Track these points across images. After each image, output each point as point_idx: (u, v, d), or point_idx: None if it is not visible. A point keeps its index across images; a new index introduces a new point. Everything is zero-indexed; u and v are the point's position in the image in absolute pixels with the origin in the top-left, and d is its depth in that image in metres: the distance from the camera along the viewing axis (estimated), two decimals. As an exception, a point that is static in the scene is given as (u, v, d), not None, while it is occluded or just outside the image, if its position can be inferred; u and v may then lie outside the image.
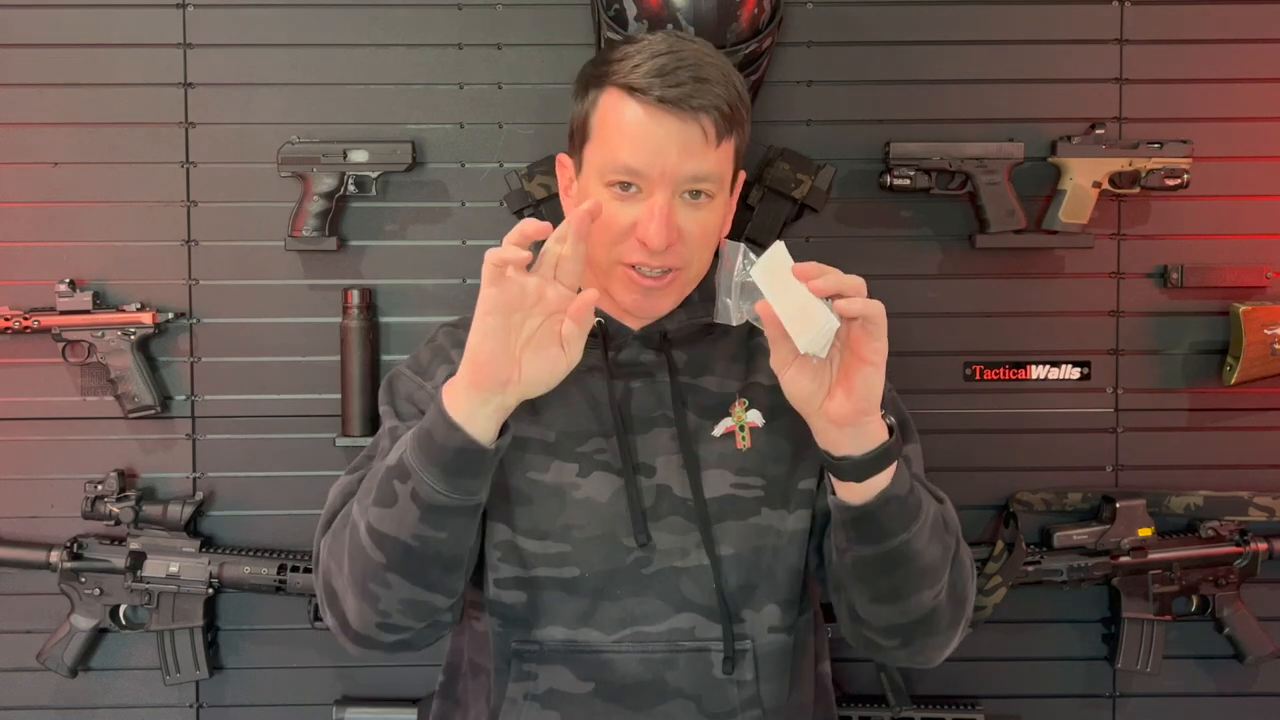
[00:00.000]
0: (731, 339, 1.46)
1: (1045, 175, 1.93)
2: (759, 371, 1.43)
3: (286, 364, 1.94)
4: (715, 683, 1.34)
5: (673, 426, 1.38)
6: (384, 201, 1.93)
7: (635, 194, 1.32)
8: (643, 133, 1.31)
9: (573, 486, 1.36)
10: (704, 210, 1.34)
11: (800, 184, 1.87)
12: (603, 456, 1.37)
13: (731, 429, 1.39)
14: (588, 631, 1.35)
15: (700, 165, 1.32)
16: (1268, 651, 1.93)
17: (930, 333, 1.94)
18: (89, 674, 1.95)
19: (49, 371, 1.93)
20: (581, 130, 1.38)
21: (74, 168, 1.92)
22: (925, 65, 1.93)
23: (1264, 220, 1.95)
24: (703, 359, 1.43)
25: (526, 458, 1.37)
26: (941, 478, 1.90)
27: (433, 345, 1.49)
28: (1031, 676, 1.99)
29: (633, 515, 1.34)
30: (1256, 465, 1.97)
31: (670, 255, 1.33)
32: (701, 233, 1.35)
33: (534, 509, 1.36)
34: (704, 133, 1.31)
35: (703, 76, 1.31)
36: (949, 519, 1.35)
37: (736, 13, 1.69)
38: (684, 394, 1.40)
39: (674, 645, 1.34)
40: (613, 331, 1.42)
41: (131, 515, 1.86)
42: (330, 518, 1.36)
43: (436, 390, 1.25)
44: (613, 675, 1.34)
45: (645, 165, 1.30)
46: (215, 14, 1.91)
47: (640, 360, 1.42)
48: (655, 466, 1.37)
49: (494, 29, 1.92)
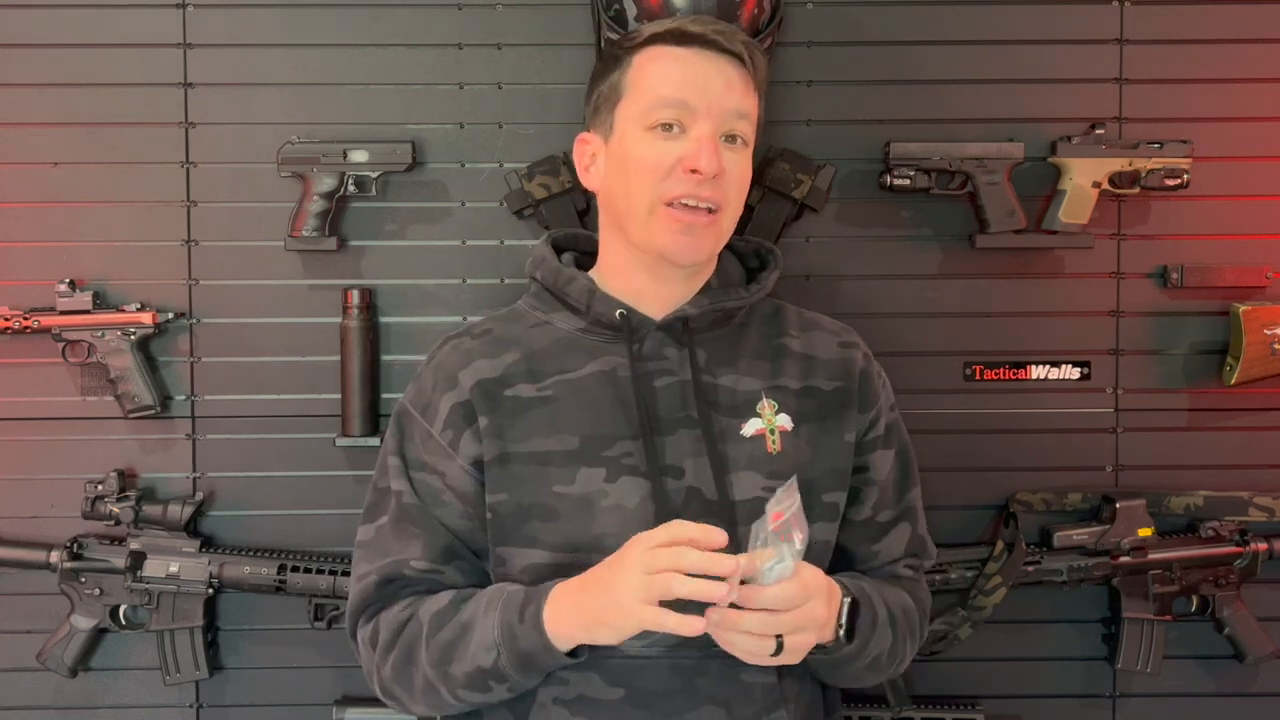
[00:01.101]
0: (754, 333, 1.45)
1: (1045, 175, 1.92)
2: (785, 374, 1.42)
3: (286, 364, 1.94)
4: (743, 687, 1.34)
5: (698, 428, 1.37)
6: (384, 201, 1.93)
7: (678, 134, 1.35)
8: (687, 68, 1.35)
9: (601, 495, 1.34)
10: (741, 155, 1.38)
11: (800, 184, 1.87)
12: (630, 460, 1.35)
13: (762, 431, 1.38)
14: None
15: (742, 101, 1.36)
16: (1268, 651, 1.93)
17: (930, 333, 1.94)
18: (89, 674, 1.95)
19: (49, 371, 1.93)
20: (611, 95, 1.40)
21: (74, 168, 1.92)
22: (925, 65, 1.93)
23: (1264, 220, 1.95)
24: (725, 354, 1.42)
25: (550, 471, 1.35)
26: (941, 478, 1.92)
27: (434, 365, 1.45)
28: (1031, 676, 1.99)
29: (660, 519, 1.32)
30: (1256, 465, 1.97)
31: (715, 188, 1.34)
32: (740, 175, 1.38)
33: (563, 523, 1.34)
34: (737, 70, 1.36)
35: (733, 31, 1.37)
36: (898, 646, 1.41)
37: (736, 13, 1.69)
38: (709, 393, 1.39)
39: (705, 652, 1.31)
40: (635, 324, 1.40)
41: (131, 515, 1.86)
42: (363, 605, 1.41)
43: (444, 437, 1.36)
44: (643, 681, 1.33)
45: (693, 97, 1.34)
46: (215, 14, 1.91)
47: (663, 355, 1.40)
48: (684, 468, 1.36)
49: (494, 29, 1.92)
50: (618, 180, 1.38)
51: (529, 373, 1.40)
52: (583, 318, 1.42)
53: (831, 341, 1.47)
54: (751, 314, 1.47)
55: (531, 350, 1.42)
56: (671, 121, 1.34)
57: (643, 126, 1.36)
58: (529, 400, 1.38)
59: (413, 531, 1.38)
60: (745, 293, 1.44)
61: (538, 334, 1.43)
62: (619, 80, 1.39)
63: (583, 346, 1.41)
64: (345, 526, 1.71)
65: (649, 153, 1.35)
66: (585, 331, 1.42)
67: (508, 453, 1.36)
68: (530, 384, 1.39)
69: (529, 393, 1.38)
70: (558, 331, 1.43)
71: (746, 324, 1.45)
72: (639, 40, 1.39)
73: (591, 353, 1.40)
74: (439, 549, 1.38)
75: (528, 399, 1.38)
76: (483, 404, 1.38)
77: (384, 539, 1.40)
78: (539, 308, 1.46)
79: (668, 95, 1.34)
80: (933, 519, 1.94)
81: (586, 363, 1.39)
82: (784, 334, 1.46)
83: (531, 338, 1.43)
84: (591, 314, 1.41)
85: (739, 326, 1.45)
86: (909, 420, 1.57)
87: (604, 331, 1.41)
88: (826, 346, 1.46)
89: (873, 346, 1.50)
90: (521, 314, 1.47)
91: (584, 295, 1.41)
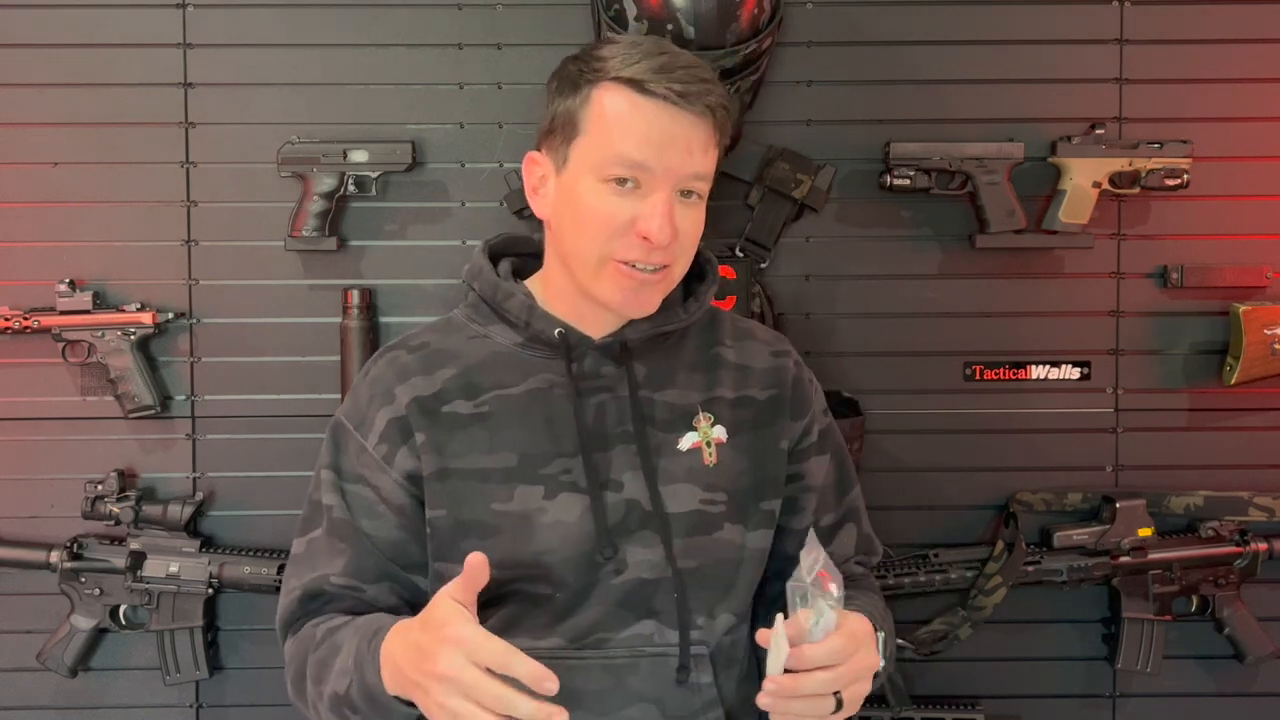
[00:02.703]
0: (690, 347, 1.44)
1: (1045, 175, 1.93)
2: (720, 385, 1.42)
3: (286, 364, 1.94)
4: (676, 686, 1.33)
5: (634, 444, 1.36)
6: (384, 201, 1.93)
7: (633, 189, 1.30)
8: (653, 127, 1.30)
9: (540, 511, 1.33)
10: (695, 210, 1.34)
11: (800, 184, 1.87)
12: (568, 477, 1.35)
13: (698, 444, 1.38)
14: (552, 639, 1.33)
15: (702, 164, 1.32)
16: (1268, 651, 1.93)
17: (930, 333, 1.94)
18: (89, 674, 1.95)
19: (49, 371, 1.93)
20: (568, 126, 1.34)
21: (74, 168, 1.92)
22: (925, 65, 1.93)
23: (1264, 220, 1.95)
24: (664, 371, 1.41)
25: (488, 489, 1.34)
26: (941, 478, 1.92)
27: (370, 379, 1.41)
28: (1031, 676, 1.99)
29: (598, 532, 1.33)
30: (1256, 465, 1.97)
31: (664, 252, 1.32)
32: (692, 230, 1.34)
33: (503, 539, 1.33)
34: (708, 132, 1.32)
35: (704, 78, 1.32)
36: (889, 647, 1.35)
37: (736, 13, 1.69)
38: (645, 408, 1.38)
39: (635, 651, 1.33)
40: (573, 342, 1.38)
41: (131, 515, 1.86)
42: (288, 619, 1.39)
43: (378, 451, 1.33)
44: (575, 681, 1.31)
45: (652, 160, 1.29)
46: (215, 14, 1.91)
47: (601, 373, 1.39)
48: (623, 482, 1.35)
49: (494, 29, 1.92)
50: (567, 220, 1.35)
51: (466, 388, 1.38)
52: (520, 333, 1.40)
53: (764, 351, 1.46)
54: (688, 325, 1.45)
55: (468, 365, 1.39)
56: (628, 178, 1.30)
57: (597, 177, 1.31)
58: (467, 417, 1.36)
59: (339, 547, 1.37)
60: (684, 313, 1.42)
61: (475, 347, 1.41)
62: (577, 112, 1.34)
63: (521, 362, 1.39)
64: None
65: (602, 207, 1.31)
66: (523, 347, 1.40)
67: (446, 468, 1.35)
68: (467, 400, 1.37)
69: (466, 409, 1.37)
70: (496, 345, 1.40)
71: (684, 335, 1.44)
72: (603, 71, 1.32)
73: (529, 369, 1.38)
74: (364, 566, 1.36)
75: (465, 415, 1.36)
76: (419, 420, 1.36)
77: (314, 553, 1.39)
78: (476, 320, 1.43)
79: (625, 154, 1.29)
80: (933, 519, 1.96)
81: (524, 379, 1.38)
82: (719, 343, 1.45)
83: (469, 351, 1.40)
84: (530, 330, 1.39)
85: (677, 338, 1.43)
86: (909, 420, 1.57)
87: (542, 348, 1.39)
88: (760, 356, 1.45)
89: (873, 346, 1.50)
90: (459, 325, 1.44)
91: (523, 311, 1.39)
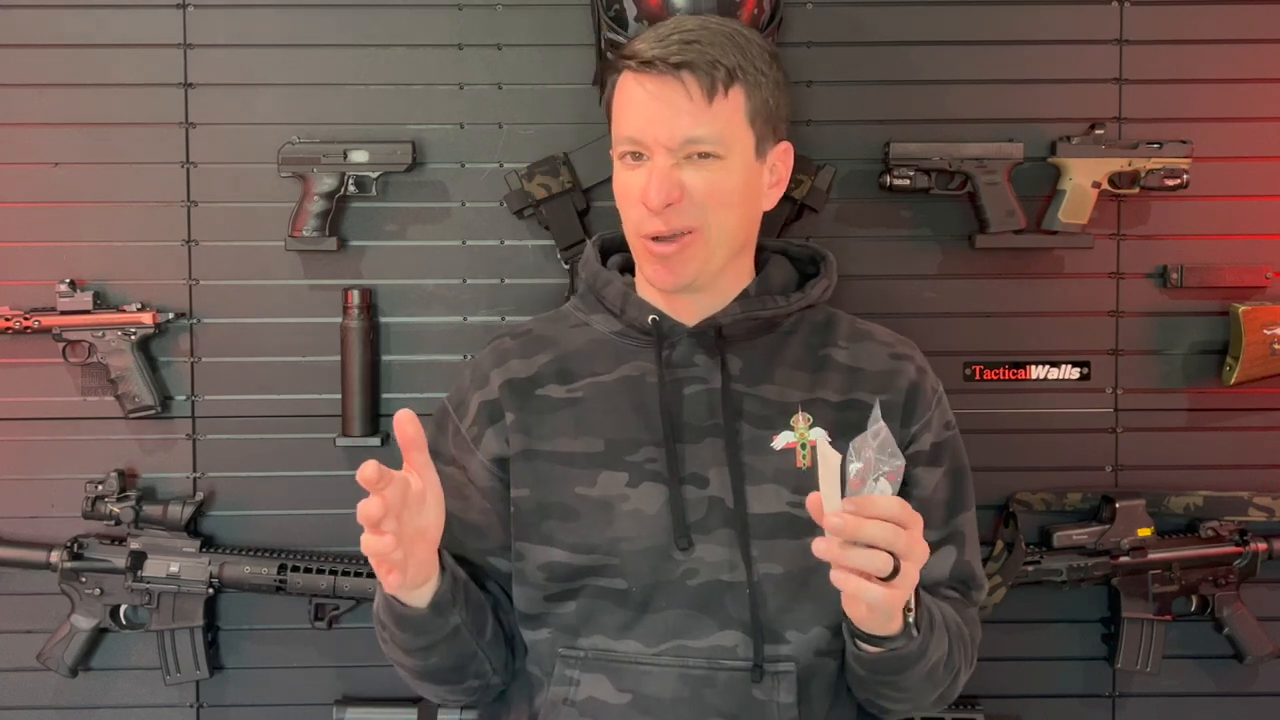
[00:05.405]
0: (796, 345, 1.42)
1: (1045, 175, 1.92)
2: (825, 386, 1.38)
3: (286, 364, 1.94)
4: (754, 703, 1.30)
5: (722, 438, 1.35)
6: (384, 201, 1.93)
7: (644, 162, 1.33)
8: (634, 99, 1.32)
9: (621, 499, 1.34)
10: (711, 170, 1.32)
11: (800, 184, 1.87)
12: (653, 466, 1.34)
13: (793, 445, 1.35)
14: (629, 642, 1.32)
15: (694, 125, 1.30)
16: (1267, 651, 1.93)
17: (930, 333, 1.94)
18: (89, 674, 1.95)
19: (49, 371, 1.93)
20: (608, 117, 1.39)
21: (74, 168, 1.92)
22: (925, 65, 1.93)
23: (1264, 220, 1.95)
24: (761, 365, 1.39)
25: (572, 473, 1.35)
26: (941, 478, 1.91)
27: (474, 364, 1.47)
28: (1031, 676, 1.99)
29: (675, 524, 1.31)
30: (1256, 465, 1.97)
31: (675, 215, 1.31)
32: (709, 191, 1.31)
33: (581, 524, 1.34)
34: (687, 90, 1.30)
35: (691, 40, 1.31)
36: (953, 657, 1.32)
37: (736, 13, 1.69)
38: (738, 403, 1.36)
39: (714, 663, 1.31)
40: (666, 330, 1.38)
41: (132, 515, 1.86)
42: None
43: (470, 433, 1.38)
44: (650, 688, 1.31)
45: (640, 131, 1.32)
46: (215, 14, 1.91)
47: (694, 361, 1.38)
48: (708, 478, 1.34)
49: (494, 29, 1.92)
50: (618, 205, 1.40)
51: (561, 373, 1.40)
52: (619, 320, 1.41)
53: (882, 353, 1.43)
54: (800, 322, 1.43)
55: (566, 351, 1.42)
56: (632, 153, 1.34)
57: (618, 159, 1.36)
58: (558, 401, 1.39)
59: None
60: (784, 301, 1.40)
61: (575, 335, 1.44)
62: (610, 101, 1.39)
63: (616, 350, 1.41)
64: (345, 526, 1.70)
65: (619, 184, 1.36)
66: (620, 335, 1.41)
67: (533, 449, 1.37)
68: (561, 385, 1.40)
69: (559, 393, 1.39)
70: (595, 333, 1.43)
71: (792, 333, 1.42)
72: (620, 57, 1.36)
73: (623, 357, 1.40)
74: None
75: (557, 399, 1.39)
76: (510, 401, 1.39)
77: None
78: (582, 308, 1.46)
79: (623, 132, 1.34)
80: (933, 519, 1.96)
81: (617, 366, 1.39)
82: (831, 344, 1.42)
83: (569, 338, 1.43)
84: (626, 317, 1.40)
85: (783, 335, 1.42)
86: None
87: (638, 336, 1.40)
88: (876, 358, 1.42)
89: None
90: (565, 314, 1.48)
91: (619, 298, 1.41)
